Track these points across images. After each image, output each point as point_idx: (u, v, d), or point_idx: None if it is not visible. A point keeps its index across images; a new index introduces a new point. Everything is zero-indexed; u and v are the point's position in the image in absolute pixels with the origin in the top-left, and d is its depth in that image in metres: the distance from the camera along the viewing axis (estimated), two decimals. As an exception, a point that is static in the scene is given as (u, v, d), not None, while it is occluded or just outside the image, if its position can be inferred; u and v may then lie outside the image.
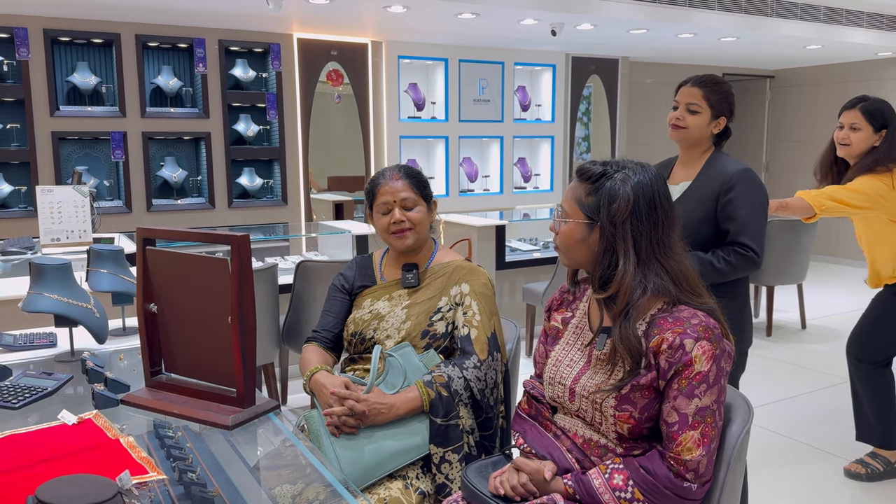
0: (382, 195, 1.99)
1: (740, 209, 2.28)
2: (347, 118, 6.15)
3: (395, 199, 1.98)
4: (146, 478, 1.31)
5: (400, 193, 1.98)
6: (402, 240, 1.99)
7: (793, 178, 8.80)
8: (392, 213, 1.98)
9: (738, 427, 1.47)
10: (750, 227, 2.27)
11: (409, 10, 4.88)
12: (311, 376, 1.89)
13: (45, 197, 3.52)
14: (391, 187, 1.99)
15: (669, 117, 2.43)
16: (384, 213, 1.99)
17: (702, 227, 2.33)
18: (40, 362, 2.08)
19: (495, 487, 1.56)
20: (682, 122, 2.38)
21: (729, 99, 2.37)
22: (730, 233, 2.29)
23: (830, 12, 6.12)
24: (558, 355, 1.61)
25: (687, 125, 2.38)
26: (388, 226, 1.98)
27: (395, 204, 1.98)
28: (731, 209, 2.29)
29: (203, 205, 5.55)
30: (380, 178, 2.02)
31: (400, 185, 1.99)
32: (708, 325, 1.42)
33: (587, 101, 7.44)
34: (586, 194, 1.50)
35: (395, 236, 1.99)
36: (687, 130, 2.38)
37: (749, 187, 2.31)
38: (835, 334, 5.40)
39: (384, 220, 1.99)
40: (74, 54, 5.13)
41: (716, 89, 2.36)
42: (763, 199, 2.34)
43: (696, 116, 2.36)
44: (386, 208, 1.98)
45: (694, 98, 2.36)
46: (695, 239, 2.26)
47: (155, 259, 1.69)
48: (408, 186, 2.00)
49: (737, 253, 2.27)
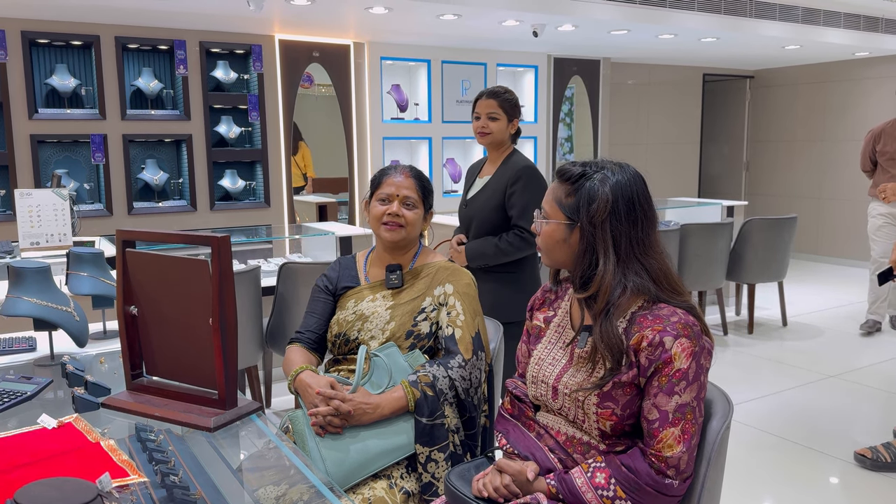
0: (387, 185, 2.02)
1: (521, 198, 2.79)
2: (330, 120, 6.14)
3: (398, 192, 2.00)
4: (127, 480, 1.31)
5: (403, 189, 2.01)
6: (391, 233, 2.00)
7: (772, 177, 8.90)
8: (391, 205, 2.00)
9: (718, 423, 1.48)
10: (527, 213, 2.74)
11: (391, 12, 4.87)
12: (295, 376, 1.89)
13: (24, 200, 3.48)
14: (397, 181, 2.02)
15: (475, 127, 2.89)
16: (383, 202, 2.01)
17: (495, 214, 2.84)
18: (20, 366, 2.06)
19: (478, 490, 1.56)
20: (487, 129, 2.87)
21: (516, 105, 2.89)
22: (512, 217, 2.81)
23: (808, 13, 6.19)
24: (541, 354, 1.61)
25: (491, 130, 2.86)
26: (382, 216, 2.00)
27: (396, 197, 2.00)
28: (515, 198, 2.80)
29: (185, 207, 5.51)
30: (389, 170, 2.06)
31: (406, 182, 2.02)
32: (687, 322, 1.43)
33: (569, 101, 7.47)
34: (566, 195, 1.51)
35: (386, 227, 2.00)
36: (492, 135, 2.87)
37: (529, 181, 2.81)
38: (815, 331, 5.46)
39: (380, 210, 2.01)
40: (53, 56, 5.08)
41: (506, 98, 2.86)
42: (543, 189, 2.61)
43: (497, 122, 2.86)
44: (387, 199, 2.00)
45: (492, 108, 2.85)
46: (491, 223, 2.83)
47: (135, 261, 1.68)
48: (413, 186, 2.03)
49: (516, 236, 2.79)
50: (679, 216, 5.90)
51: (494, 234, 2.84)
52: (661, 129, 8.51)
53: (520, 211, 2.79)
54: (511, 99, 2.87)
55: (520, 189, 2.79)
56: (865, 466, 3.10)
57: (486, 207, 2.86)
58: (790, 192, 8.67)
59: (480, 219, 2.89)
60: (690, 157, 8.80)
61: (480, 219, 2.89)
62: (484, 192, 2.89)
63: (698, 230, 5.01)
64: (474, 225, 2.91)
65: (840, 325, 5.59)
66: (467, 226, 2.94)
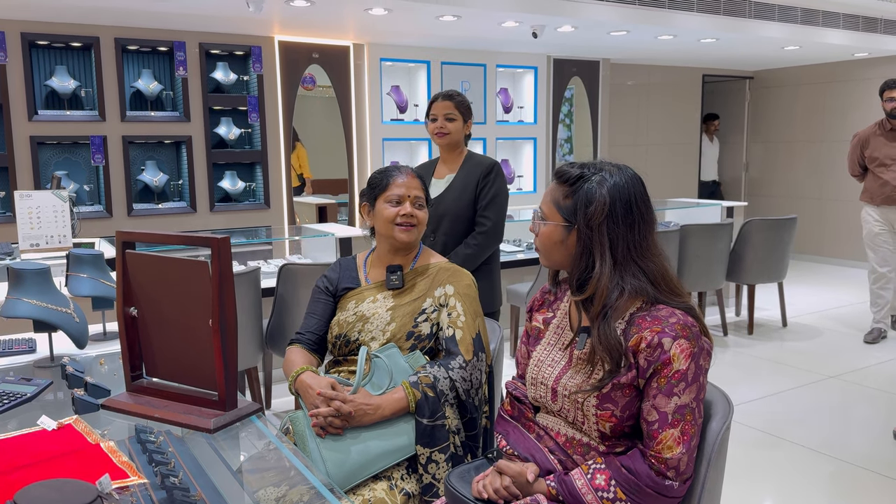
0: (397, 187, 2.02)
1: (492, 189, 2.96)
2: (330, 121, 6.14)
3: (409, 193, 2.02)
4: (127, 482, 1.31)
5: (413, 190, 2.03)
6: (406, 233, 2.01)
7: (772, 177, 8.90)
8: (403, 205, 2.01)
9: (717, 423, 1.48)
10: (494, 204, 2.95)
11: (391, 13, 4.88)
12: (296, 377, 1.89)
13: (24, 202, 3.48)
14: (406, 182, 2.04)
15: (432, 128, 3.00)
16: (393, 204, 2.01)
17: (467, 211, 2.96)
18: (19, 368, 2.06)
19: (478, 491, 1.56)
20: (445, 130, 2.98)
21: (469, 107, 3.04)
22: (480, 209, 2.96)
23: (807, 14, 6.20)
24: (540, 355, 1.61)
25: (449, 131, 2.98)
26: (396, 217, 2.00)
27: (407, 198, 2.01)
28: (487, 190, 2.96)
29: (185, 209, 5.51)
30: (394, 172, 2.07)
31: (413, 182, 2.04)
32: (686, 323, 1.43)
33: (569, 102, 7.47)
34: (564, 197, 1.51)
35: (401, 228, 2.01)
36: (450, 135, 2.99)
37: (498, 175, 3.00)
38: (815, 332, 5.46)
39: (392, 211, 2.01)
40: (53, 58, 5.07)
41: (460, 100, 3.00)
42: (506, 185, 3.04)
43: (454, 123, 2.98)
44: (398, 200, 2.01)
45: (449, 109, 2.97)
46: (465, 219, 2.96)
47: (135, 262, 1.68)
48: (419, 185, 2.06)
49: (478, 234, 2.93)
50: (679, 217, 5.90)
51: (468, 229, 2.97)
52: (661, 130, 8.51)
53: (488, 202, 2.95)
54: (465, 101, 3.03)
55: (491, 181, 2.96)
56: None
57: (459, 205, 2.96)
58: (790, 192, 8.67)
59: (453, 216, 2.97)
60: (690, 157, 8.80)
61: (453, 216, 2.97)
62: (451, 191, 2.99)
63: (698, 231, 5.02)
64: (445, 223, 2.99)
65: (840, 326, 5.59)
66: (435, 225, 3.02)
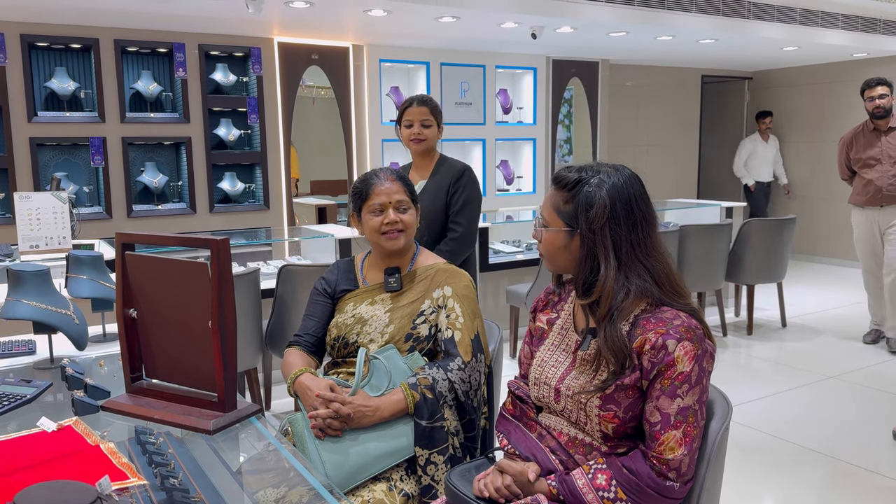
0: (377, 196, 1.98)
1: (463, 194, 3.00)
2: (329, 122, 6.14)
3: (390, 199, 1.98)
4: (127, 483, 1.30)
5: (395, 195, 1.99)
6: (394, 241, 1.98)
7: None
8: (386, 213, 1.98)
9: (717, 424, 1.48)
10: (464, 210, 2.99)
11: (390, 14, 4.88)
12: (295, 379, 1.88)
13: (24, 203, 3.48)
14: (386, 188, 1.99)
15: (407, 134, 3.02)
16: (377, 213, 1.99)
17: (443, 213, 2.99)
18: (19, 369, 2.06)
19: (479, 490, 1.56)
20: (422, 135, 3.01)
21: (441, 112, 3.07)
22: (452, 214, 3.00)
23: (806, 14, 6.20)
24: (543, 356, 1.61)
25: (426, 137, 3.02)
26: (381, 226, 1.98)
27: (389, 205, 1.98)
28: (458, 195, 2.99)
29: (184, 210, 5.51)
30: (373, 179, 2.01)
31: (394, 187, 2.00)
32: (690, 325, 1.43)
33: (568, 103, 7.47)
34: (564, 202, 1.51)
35: (387, 237, 1.98)
36: (426, 141, 3.02)
37: (470, 179, 3.04)
38: (815, 332, 5.46)
39: (376, 221, 1.98)
40: (52, 60, 5.08)
41: (434, 106, 3.03)
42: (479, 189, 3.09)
43: (430, 129, 3.02)
44: (380, 209, 1.98)
45: (425, 115, 3.00)
46: (440, 223, 2.99)
47: (134, 264, 1.68)
48: (402, 189, 2.01)
49: (450, 240, 2.97)
50: (678, 217, 5.90)
51: (443, 232, 3.01)
52: (660, 131, 8.51)
53: (459, 207, 3.00)
54: (438, 106, 3.07)
55: (463, 185, 3.00)
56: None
57: (434, 209, 2.99)
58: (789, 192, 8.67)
59: (428, 221, 2.96)
60: (689, 158, 8.81)
61: (428, 221, 2.96)
62: (425, 196, 3.01)
63: (697, 231, 5.02)
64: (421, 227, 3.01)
65: (839, 326, 5.59)
66: None
